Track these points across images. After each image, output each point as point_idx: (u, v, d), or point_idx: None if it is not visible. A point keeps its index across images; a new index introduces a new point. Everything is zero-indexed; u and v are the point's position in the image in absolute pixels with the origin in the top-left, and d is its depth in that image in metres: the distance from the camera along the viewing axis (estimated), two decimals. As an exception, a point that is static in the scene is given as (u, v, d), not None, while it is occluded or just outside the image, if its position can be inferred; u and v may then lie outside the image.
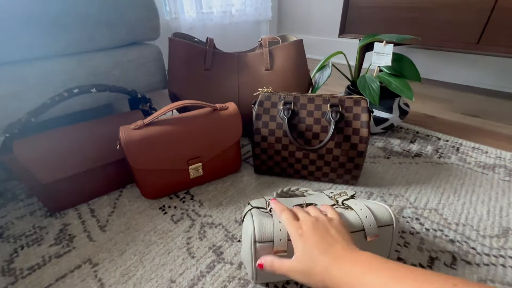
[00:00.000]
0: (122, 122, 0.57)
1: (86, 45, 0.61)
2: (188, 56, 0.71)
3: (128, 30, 0.66)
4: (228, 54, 0.74)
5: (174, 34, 0.73)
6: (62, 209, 0.56)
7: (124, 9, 0.63)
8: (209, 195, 0.60)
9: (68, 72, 0.60)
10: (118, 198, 0.60)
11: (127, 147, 0.50)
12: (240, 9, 1.64)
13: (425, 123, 0.92)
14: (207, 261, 0.45)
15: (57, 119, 0.64)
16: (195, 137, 0.56)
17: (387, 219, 0.38)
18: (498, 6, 0.86)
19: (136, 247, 0.48)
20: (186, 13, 1.41)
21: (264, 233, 0.35)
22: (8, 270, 0.44)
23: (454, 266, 0.44)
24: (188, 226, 0.52)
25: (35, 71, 0.56)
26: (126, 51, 0.69)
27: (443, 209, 0.55)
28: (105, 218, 0.54)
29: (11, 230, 0.52)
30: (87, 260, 0.46)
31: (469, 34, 0.94)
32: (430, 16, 0.99)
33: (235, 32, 1.75)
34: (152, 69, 0.75)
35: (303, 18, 1.86)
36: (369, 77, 0.74)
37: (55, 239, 0.50)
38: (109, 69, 0.66)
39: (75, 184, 0.55)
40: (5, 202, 0.59)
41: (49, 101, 0.51)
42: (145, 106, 0.64)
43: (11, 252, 0.48)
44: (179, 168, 0.56)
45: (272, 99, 0.60)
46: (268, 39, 0.74)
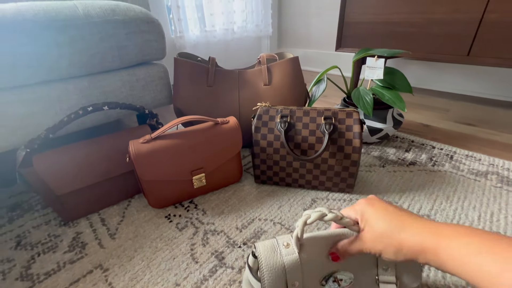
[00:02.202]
0: (131, 137, 0.62)
1: (98, 67, 0.67)
2: (192, 74, 0.76)
3: (137, 52, 0.72)
4: (229, 71, 0.80)
5: (179, 54, 0.79)
6: (75, 218, 0.60)
7: (133, 34, 0.69)
8: (212, 204, 0.64)
9: (82, 92, 0.66)
10: (126, 207, 0.63)
11: (136, 160, 0.54)
12: (242, 26, 1.72)
13: (420, 132, 0.95)
14: (209, 266, 0.48)
15: (72, 135, 0.69)
16: (198, 149, 0.60)
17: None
18: (484, 20, 0.90)
19: (143, 253, 0.51)
20: (190, 31, 1.49)
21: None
22: (26, 275, 0.48)
23: (444, 269, 0.46)
24: (192, 233, 0.55)
25: (52, 91, 0.62)
26: (135, 71, 0.74)
27: (435, 215, 0.57)
28: (115, 226, 0.58)
29: (28, 239, 0.56)
30: (98, 266, 0.49)
31: (459, 47, 0.98)
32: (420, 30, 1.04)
33: (237, 48, 1.83)
34: (158, 87, 0.80)
35: (302, 33, 1.93)
36: (363, 89, 0.78)
37: (69, 246, 0.54)
38: (118, 88, 0.72)
39: (87, 195, 0.59)
40: (22, 213, 0.63)
41: (66, 118, 0.56)
42: (152, 121, 0.69)
43: (29, 258, 0.51)
44: (183, 178, 0.60)
45: (270, 113, 0.64)
46: (266, 57, 0.80)
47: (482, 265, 0.22)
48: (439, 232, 0.26)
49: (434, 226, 0.27)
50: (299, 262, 0.31)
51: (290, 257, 0.31)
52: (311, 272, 0.32)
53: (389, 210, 0.30)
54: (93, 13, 0.63)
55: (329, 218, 0.30)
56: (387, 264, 0.33)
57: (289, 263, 0.31)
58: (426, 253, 0.26)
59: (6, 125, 0.57)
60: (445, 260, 0.24)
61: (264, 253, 0.32)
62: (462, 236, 0.24)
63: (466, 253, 0.23)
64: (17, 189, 0.71)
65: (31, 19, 0.55)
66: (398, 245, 0.27)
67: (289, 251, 0.32)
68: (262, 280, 0.31)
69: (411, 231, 0.27)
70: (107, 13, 0.65)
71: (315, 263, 0.33)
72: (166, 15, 1.41)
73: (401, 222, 0.28)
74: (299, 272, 0.31)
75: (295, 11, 1.90)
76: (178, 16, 1.36)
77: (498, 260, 0.21)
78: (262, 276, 0.31)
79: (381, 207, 0.31)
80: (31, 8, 0.57)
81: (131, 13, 0.69)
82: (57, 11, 0.59)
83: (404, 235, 0.27)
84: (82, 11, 0.62)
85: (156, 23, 0.74)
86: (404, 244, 0.27)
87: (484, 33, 0.92)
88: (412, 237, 0.27)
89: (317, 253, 0.33)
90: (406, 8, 1.05)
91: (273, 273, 0.31)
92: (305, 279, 0.32)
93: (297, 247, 0.32)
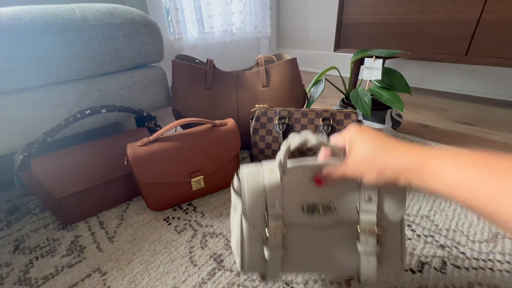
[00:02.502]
0: (129, 140, 0.62)
1: (96, 70, 0.67)
2: (190, 76, 0.76)
3: (135, 55, 0.72)
4: (227, 73, 0.80)
5: (177, 57, 0.79)
6: (73, 221, 0.60)
7: (131, 37, 0.70)
8: (211, 206, 0.63)
9: (80, 95, 0.66)
10: (125, 210, 0.63)
11: (134, 163, 0.54)
12: (240, 27, 1.73)
13: (419, 132, 0.95)
14: (208, 269, 0.48)
15: (70, 138, 0.69)
16: (196, 151, 0.60)
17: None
18: (482, 20, 0.90)
19: (142, 256, 0.51)
20: (189, 33, 1.49)
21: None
22: (24, 280, 0.48)
23: (444, 270, 0.46)
24: (190, 236, 0.55)
25: (50, 95, 0.62)
26: (133, 74, 0.74)
27: (434, 216, 0.57)
28: (113, 229, 0.58)
29: (27, 242, 0.56)
30: (96, 269, 0.49)
31: (457, 47, 0.98)
32: (418, 30, 1.04)
33: (236, 49, 1.84)
34: (157, 89, 0.80)
35: (301, 34, 1.94)
36: (361, 90, 0.78)
37: (67, 250, 0.53)
38: (116, 91, 0.72)
39: (85, 198, 0.59)
40: (20, 216, 0.63)
41: (64, 122, 0.56)
42: (151, 123, 0.69)
43: (27, 263, 0.51)
44: (182, 181, 0.60)
45: (268, 115, 0.64)
46: (264, 58, 0.80)
47: (481, 186, 0.20)
48: (426, 153, 0.25)
49: (420, 148, 0.26)
50: (280, 184, 0.32)
51: (271, 179, 0.32)
52: (293, 197, 0.33)
53: (378, 137, 0.29)
54: (91, 16, 0.63)
55: (313, 143, 0.30)
56: (370, 194, 0.32)
57: (270, 184, 0.32)
58: (410, 174, 0.25)
59: (4, 128, 0.57)
60: (434, 179, 0.23)
61: (247, 174, 0.33)
62: (455, 156, 0.23)
63: (462, 173, 0.22)
64: (16, 193, 0.71)
65: (28, 23, 0.55)
66: (381, 168, 0.27)
67: (271, 174, 0.33)
68: (242, 198, 0.32)
69: (395, 153, 0.27)
70: (104, 16, 0.65)
71: (298, 189, 0.33)
72: (165, 17, 1.41)
73: (386, 146, 0.28)
74: (279, 194, 0.32)
75: (294, 12, 1.91)
76: (176, 18, 1.36)
77: (499, 180, 0.20)
78: (242, 194, 0.32)
79: (370, 134, 0.30)
80: (28, 12, 0.57)
81: (128, 16, 0.69)
82: (54, 15, 0.59)
83: (388, 158, 0.27)
84: (79, 14, 0.62)
85: (154, 25, 0.74)
86: (387, 166, 0.27)
87: (482, 33, 0.92)
88: (396, 159, 0.26)
89: (301, 180, 0.33)
90: (404, 9, 1.05)
91: (254, 192, 0.32)
92: (286, 202, 0.33)
93: (279, 171, 0.33)
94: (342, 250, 0.35)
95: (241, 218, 0.34)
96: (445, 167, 0.23)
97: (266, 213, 0.32)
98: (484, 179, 0.20)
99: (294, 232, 0.34)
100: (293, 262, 0.35)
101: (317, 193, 0.33)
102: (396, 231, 0.34)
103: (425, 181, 0.24)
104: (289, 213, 0.33)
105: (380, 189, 0.32)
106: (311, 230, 0.34)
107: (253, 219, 0.33)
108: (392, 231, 0.34)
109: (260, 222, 0.33)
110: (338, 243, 0.34)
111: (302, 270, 0.37)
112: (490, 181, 0.20)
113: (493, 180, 0.20)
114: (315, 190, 0.33)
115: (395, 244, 0.34)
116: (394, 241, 0.34)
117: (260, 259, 0.35)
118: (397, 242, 0.34)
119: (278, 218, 0.33)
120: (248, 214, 0.33)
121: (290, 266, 0.35)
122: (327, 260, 0.35)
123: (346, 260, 0.35)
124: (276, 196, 0.32)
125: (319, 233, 0.34)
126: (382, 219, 0.32)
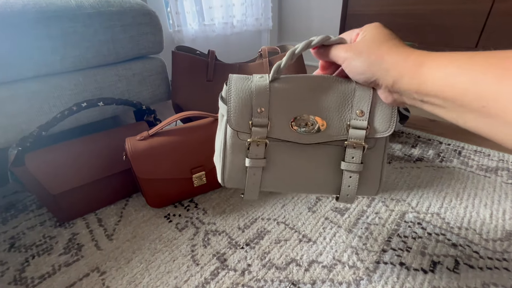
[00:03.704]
0: (127, 134, 0.59)
1: (93, 61, 0.64)
2: (190, 68, 0.73)
3: (133, 46, 0.69)
4: (229, 65, 0.77)
5: (177, 48, 0.76)
6: (71, 219, 0.58)
7: (129, 26, 0.66)
8: (213, 203, 0.61)
9: (76, 87, 0.63)
10: (124, 207, 0.61)
11: (133, 158, 0.52)
12: (241, 19, 1.68)
13: (426, 128, 0.93)
14: (211, 268, 0.46)
15: (66, 132, 0.66)
16: (198, 146, 0.57)
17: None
18: (494, 10, 0.87)
19: (142, 255, 0.49)
20: (188, 25, 1.45)
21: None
22: (20, 279, 0.46)
23: (457, 270, 0.44)
24: (192, 234, 0.53)
25: (45, 87, 0.59)
26: (131, 65, 0.71)
27: (445, 213, 0.55)
28: (112, 227, 0.56)
29: (22, 240, 0.54)
30: (95, 269, 0.47)
31: (466, 39, 0.95)
32: (427, 21, 1.00)
33: (237, 42, 1.80)
34: (156, 82, 0.77)
35: (303, 26, 1.89)
36: (368, 83, 0.75)
37: (64, 248, 0.52)
38: (114, 83, 0.69)
39: (83, 194, 0.57)
40: (16, 213, 0.61)
41: (59, 115, 0.53)
42: (150, 117, 0.66)
43: (23, 261, 0.49)
44: (183, 177, 0.58)
45: (272, 108, 0.61)
46: (267, 50, 0.77)
47: (477, 80, 0.19)
48: (423, 55, 0.24)
49: (417, 51, 0.24)
50: (268, 89, 0.31)
51: (259, 83, 0.31)
52: (281, 106, 0.32)
53: (386, 34, 0.27)
54: (86, 4, 0.60)
55: (317, 41, 0.29)
56: (362, 106, 0.31)
57: (258, 88, 0.31)
58: (405, 78, 0.24)
59: (-4, 122, 0.55)
60: (427, 78, 0.22)
61: (235, 79, 0.32)
62: (450, 57, 0.22)
63: (458, 70, 0.21)
64: (11, 189, 0.69)
65: (20, 11, 0.52)
66: (378, 58, 0.25)
67: (261, 79, 0.32)
68: (228, 102, 0.31)
69: (395, 52, 0.25)
70: (101, 4, 0.62)
71: (288, 100, 0.32)
72: (164, 9, 1.37)
73: (389, 43, 0.26)
74: (266, 99, 0.31)
75: (296, 4, 1.86)
76: (176, 10, 1.32)
77: (496, 73, 0.19)
78: (228, 99, 0.31)
79: (380, 30, 0.27)
80: (19, -2, 0.54)
81: (126, 4, 0.66)
82: (47, 2, 0.56)
83: (388, 53, 0.25)
84: (74, 1, 0.59)
85: (152, 15, 0.71)
86: (384, 60, 0.25)
87: (493, 25, 0.89)
88: (393, 57, 0.25)
89: (292, 89, 0.32)
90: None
91: (240, 96, 0.31)
92: (273, 110, 0.32)
93: (271, 76, 0.32)
94: (324, 170, 0.34)
95: (225, 126, 0.33)
96: (437, 64, 0.22)
97: (251, 121, 0.31)
98: (477, 75, 0.19)
99: (278, 147, 0.33)
100: (273, 177, 0.34)
101: (309, 108, 0.32)
102: (380, 150, 0.34)
103: (416, 83, 0.23)
104: (275, 126, 0.32)
105: (372, 100, 0.31)
106: (295, 148, 0.33)
107: (238, 127, 0.32)
108: (377, 149, 0.34)
109: (244, 130, 0.32)
110: (320, 163, 0.34)
111: (282, 188, 0.36)
112: (484, 76, 0.19)
113: (486, 76, 0.19)
114: (307, 104, 0.32)
115: (378, 163, 0.34)
116: (377, 160, 0.34)
117: (241, 170, 0.34)
118: (378, 165, 0.34)
119: (263, 128, 0.31)
120: (233, 121, 0.31)
121: (270, 182, 0.35)
122: (307, 179, 0.35)
123: (326, 180, 0.35)
124: (262, 103, 0.31)
125: (303, 152, 0.33)
126: (371, 134, 0.32)
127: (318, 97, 0.32)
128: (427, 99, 0.23)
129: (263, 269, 0.45)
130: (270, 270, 0.45)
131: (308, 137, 0.32)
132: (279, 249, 0.49)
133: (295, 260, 0.47)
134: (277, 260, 0.47)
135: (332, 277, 0.43)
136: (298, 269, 0.45)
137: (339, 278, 0.43)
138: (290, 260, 0.47)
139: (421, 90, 0.23)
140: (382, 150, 0.34)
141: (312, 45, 0.29)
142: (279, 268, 0.45)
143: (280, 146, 0.33)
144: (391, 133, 0.32)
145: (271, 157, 0.33)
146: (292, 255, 0.48)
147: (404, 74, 0.24)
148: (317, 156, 0.34)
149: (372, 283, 0.42)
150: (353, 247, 0.48)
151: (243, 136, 0.32)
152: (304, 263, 0.46)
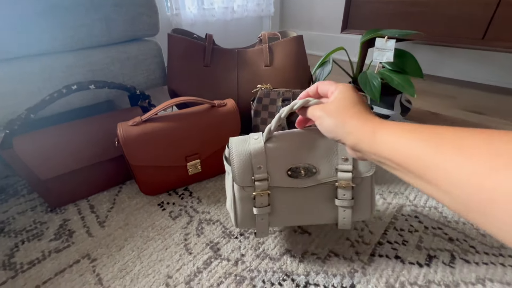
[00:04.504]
0: (120, 119, 0.57)
1: (85, 41, 0.61)
2: (187, 52, 0.71)
3: (127, 27, 0.66)
4: (227, 50, 0.74)
5: (173, 30, 0.73)
6: (62, 204, 0.57)
7: (123, 5, 0.63)
8: (208, 191, 0.60)
9: (67, 69, 0.61)
10: (117, 194, 0.60)
11: (125, 144, 0.50)
12: (242, 4, 1.63)
13: (428, 120, 0.91)
14: (204, 257, 0.45)
15: (58, 115, 0.64)
16: (193, 133, 0.56)
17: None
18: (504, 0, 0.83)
19: (134, 243, 0.48)
20: (187, 9, 1.40)
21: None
22: (8, 264, 0.45)
23: (453, 264, 0.43)
24: (186, 223, 0.52)
25: (34, 68, 0.57)
26: (125, 48, 0.69)
27: (442, 207, 0.54)
28: (104, 214, 0.55)
29: (12, 225, 0.53)
30: (85, 255, 0.46)
31: (474, 29, 0.92)
32: (434, 10, 0.97)
33: (237, 28, 1.74)
34: (151, 66, 0.74)
35: (306, 13, 1.84)
36: (371, 73, 0.73)
37: (55, 234, 0.51)
38: (107, 66, 0.66)
39: (74, 180, 0.56)
40: (7, 198, 0.60)
41: (48, 97, 0.51)
42: (144, 102, 0.64)
43: (12, 246, 0.48)
44: (177, 164, 0.56)
45: (271, 96, 0.59)
46: (268, 35, 0.74)
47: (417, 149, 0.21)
48: (377, 122, 0.26)
49: (374, 120, 0.26)
50: (264, 149, 0.37)
51: (256, 145, 0.37)
52: (277, 160, 0.37)
53: (351, 99, 0.29)
54: (76, -21, 0.57)
55: (299, 105, 0.33)
56: (345, 155, 0.37)
57: (255, 150, 0.36)
58: (360, 141, 0.26)
59: (-18, 103, 0.53)
60: (381, 143, 0.24)
61: (235, 144, 0.37)
62: (401, 125, 0.24)
63: (401, 137, 0.23)
64: (2, 173, 0.67)
65: (4, -16, 0.49)
66: (342, 124, 0.28)
67: (257, 141, 0.37)
68: (231, 164, 0.37)
69: (354, 121, 0.27)
70: (92, -20, 0.59)
71: (282, 154, 0.37)
72: (162, -10, 1.32)
73: (350, 112, 0.28)
74: (263, 158, 0.37)
75: (299, -10, 1.79)
76: (174, -9, 1.27)
77: (436, 143, 0.20)
78: (232, 161, 0.37)
79: (349, 94, 0.30)
80: (4, -30, 0.50)
81: (119, -19, 0.62)
82: (34, -24, 0.53)
83: (348, 122, 0.28)
84: (63, -24, 0.56)
85: (147, -6, 0.67)
86: (346, 129, 0.28)
87: (503, 15, 0.85)
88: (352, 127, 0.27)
89: (285, 145, 0.37)
90: (419, -14, 0.97)
91: (241, 158, 0.37)
92: (270, 165, 0.37)
93: (265, 138, 0.37)
94: (321, 205, 0.40)
95: (232, 183, 0.38)
96: (388, 132, 0.24)
97: (253, 177, 0.37)
98: (418, 143, 0.21)
99: (279, 193, 0.39)
100: (279, 218, 0.41)
101: (300, 159, 0.37)
102: (367, 185, 0.39)
103: (372, 146, 0.25)
104: (274, 177, 0.37)
105: None
106: (294, 190, 0.39)
107: (242, 183, 0.37)
108: (364, 185, 0.39)
109: (249, 185, 0.37)
110: (317, 200, 0.40)
111: (288, 223, 0.42)
112: (424, 144, 0.21)
113: (426, 144, 0.20)
114: (299, 156, 0.37)
115: (367, 196, 0.40)
116: (365, 194, 0.40)
117: (251, 216, 0.40)
118: (368, 194, 0.40)
119: (264, 181, 0.37)
120: (237, 179, 0.37)
121: (277, 221, 0.41)
122: (308, 214, 0.41)
123: (324, 213, 0.41)
124: (260, 162, 0.37)
125: (301, 193, 0.39)
126: (356, 175, 0.38)
127: (308, 148, 0.37)
128: (383, 161, 0.24)
129: (256, 259, 0.45)
130: (264, 260, 0.45)
131: (304, 182, 0.38)
132: (273, 240, 0.48)
133: (290, 251, 0.46)
134: (271, 250, 0.46)
135: (326, 269, 0.43)
136: (292, 260, 0.45)
137: (333, 270, 0.43)
138: (285, 251, 0.46)
139: (377, 153, 0.25)
140: (369, 184, 0.39)
141: (294, 108, 0.34)
142: (273, 259, 0.45)
143: (281, 191, 0.39)
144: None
145: (275, 203, 0.39)
146: (287, 246, 0.47)
147: (362, 138, 0.26)
148: (315, 194, 0.39)
149: (366, 276, 0.42)
150: (349, 240, 0.48)
151: (248, 189, 0.38)
152: (299, 254, 0.45)
